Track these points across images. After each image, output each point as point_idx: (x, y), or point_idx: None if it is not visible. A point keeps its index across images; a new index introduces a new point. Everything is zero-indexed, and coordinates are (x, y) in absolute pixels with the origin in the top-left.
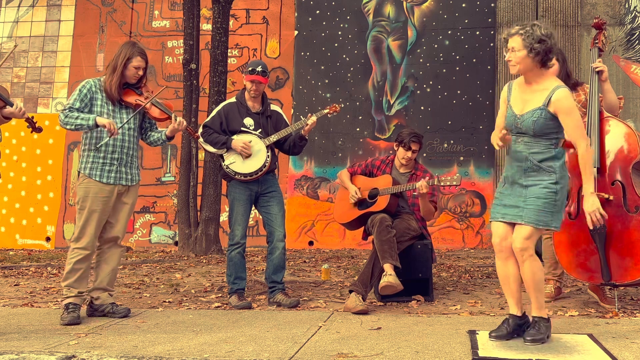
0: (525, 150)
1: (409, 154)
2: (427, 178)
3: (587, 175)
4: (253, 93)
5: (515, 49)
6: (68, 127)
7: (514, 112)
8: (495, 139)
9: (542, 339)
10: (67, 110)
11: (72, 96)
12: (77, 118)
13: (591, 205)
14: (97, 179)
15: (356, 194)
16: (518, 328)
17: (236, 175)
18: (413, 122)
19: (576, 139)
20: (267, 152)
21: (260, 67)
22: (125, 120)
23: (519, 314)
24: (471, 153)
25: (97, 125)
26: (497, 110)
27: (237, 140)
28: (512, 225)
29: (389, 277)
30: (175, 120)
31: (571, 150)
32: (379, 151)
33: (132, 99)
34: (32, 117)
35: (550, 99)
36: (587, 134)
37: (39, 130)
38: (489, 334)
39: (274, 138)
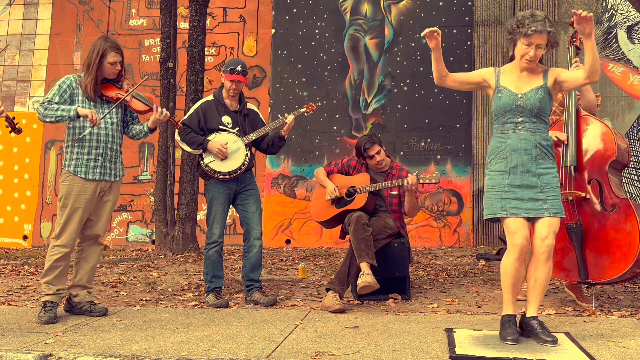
0: (531, 136)
1: (377, 158)
2: (407, 175)
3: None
4: (232, 92)
5: (541, 47)
6: (48, 119)
7: (512, 92)
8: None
9: (557, 339)
10: (46, 103)
11: (51, 91)
12: (57, 109)
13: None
14: (82, 175)
15: (335, 190)
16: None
17: (215, 174)
18: (390, 120)
19: (575, 72)
20: (246, 150)
21: (240, 66)
22: (108, 111)
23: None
24: (448, 151)
25: (78, 116)
26: (474, 108)
27: (214, 142)
28: (528, 222)
29: (366, 277)
30: (157, 110)
31: None
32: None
33: (112, 93)
34: (13, 118)
35: (547, 75)
36: (564, 132)
37: (18, 131)
38: (504, 338)
39: (252, 137)
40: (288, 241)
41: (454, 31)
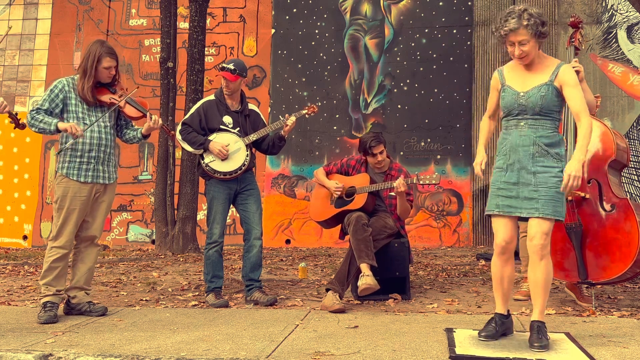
0: (531, 133)
1: (378, 157)
2: (403, 176)
3: (582, 144)
4: (226, 90)
5: (525, 42)
6: (33, 129)
7: (514, 90)
8: (478, 165)
9: (548, 344)
10: (34, 112)
11: (43, 96)
12: (40, 122)
13: (573, 168)
14: (75, 178)
15: (337, 185)
16: (502, 327)
17: (216, 174)
18: (390, 120)
19: (580, 111)
20: (247, 150)
21: (232, 64)
22: (96, 120)
23: (506, 313)
24: (448, 151)
25: (58, 130)
26: (474, 108)
27: (215, 143)
28: (516, 223)
29: (366, 279)
30: (151, 118)
31: None
32: (356, 150)
33: (106, 97)
34: (16, 113)
35: (557, 74)
36: (563, 132)
37: (22, 126)
38: (479, 333)
39: (253, 137)
40: (288, 241)
41: (454, 31)
